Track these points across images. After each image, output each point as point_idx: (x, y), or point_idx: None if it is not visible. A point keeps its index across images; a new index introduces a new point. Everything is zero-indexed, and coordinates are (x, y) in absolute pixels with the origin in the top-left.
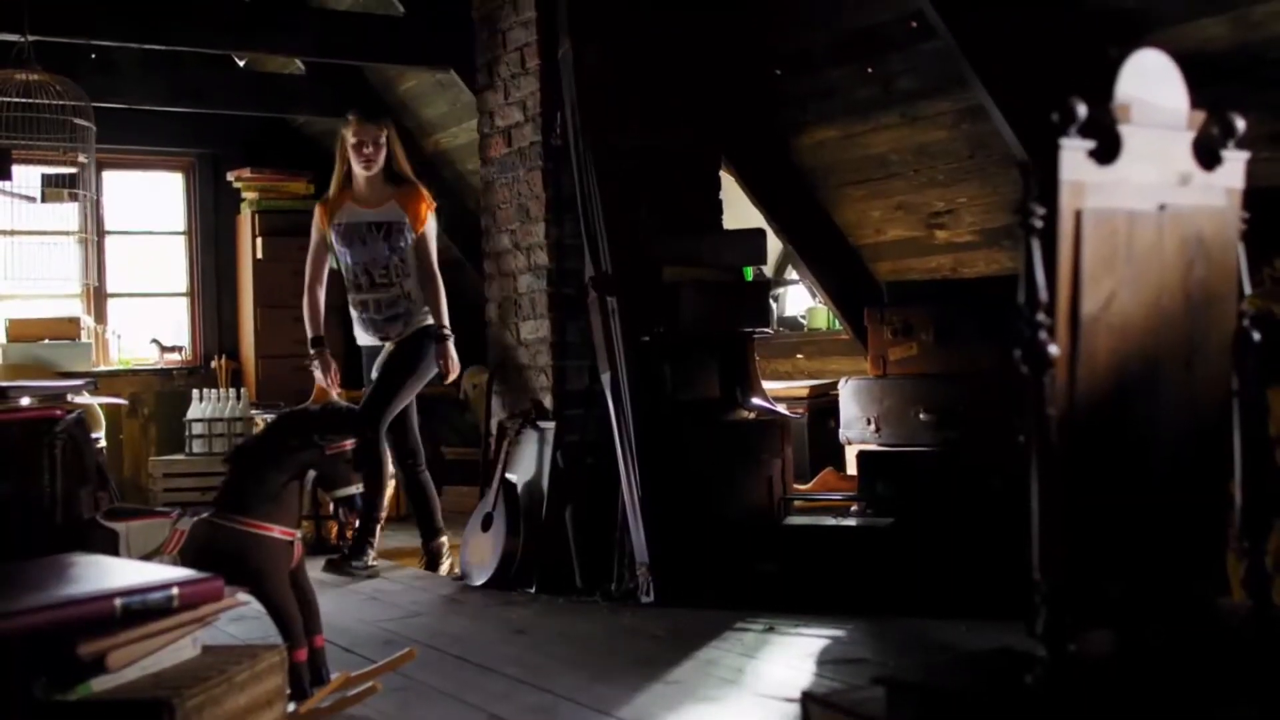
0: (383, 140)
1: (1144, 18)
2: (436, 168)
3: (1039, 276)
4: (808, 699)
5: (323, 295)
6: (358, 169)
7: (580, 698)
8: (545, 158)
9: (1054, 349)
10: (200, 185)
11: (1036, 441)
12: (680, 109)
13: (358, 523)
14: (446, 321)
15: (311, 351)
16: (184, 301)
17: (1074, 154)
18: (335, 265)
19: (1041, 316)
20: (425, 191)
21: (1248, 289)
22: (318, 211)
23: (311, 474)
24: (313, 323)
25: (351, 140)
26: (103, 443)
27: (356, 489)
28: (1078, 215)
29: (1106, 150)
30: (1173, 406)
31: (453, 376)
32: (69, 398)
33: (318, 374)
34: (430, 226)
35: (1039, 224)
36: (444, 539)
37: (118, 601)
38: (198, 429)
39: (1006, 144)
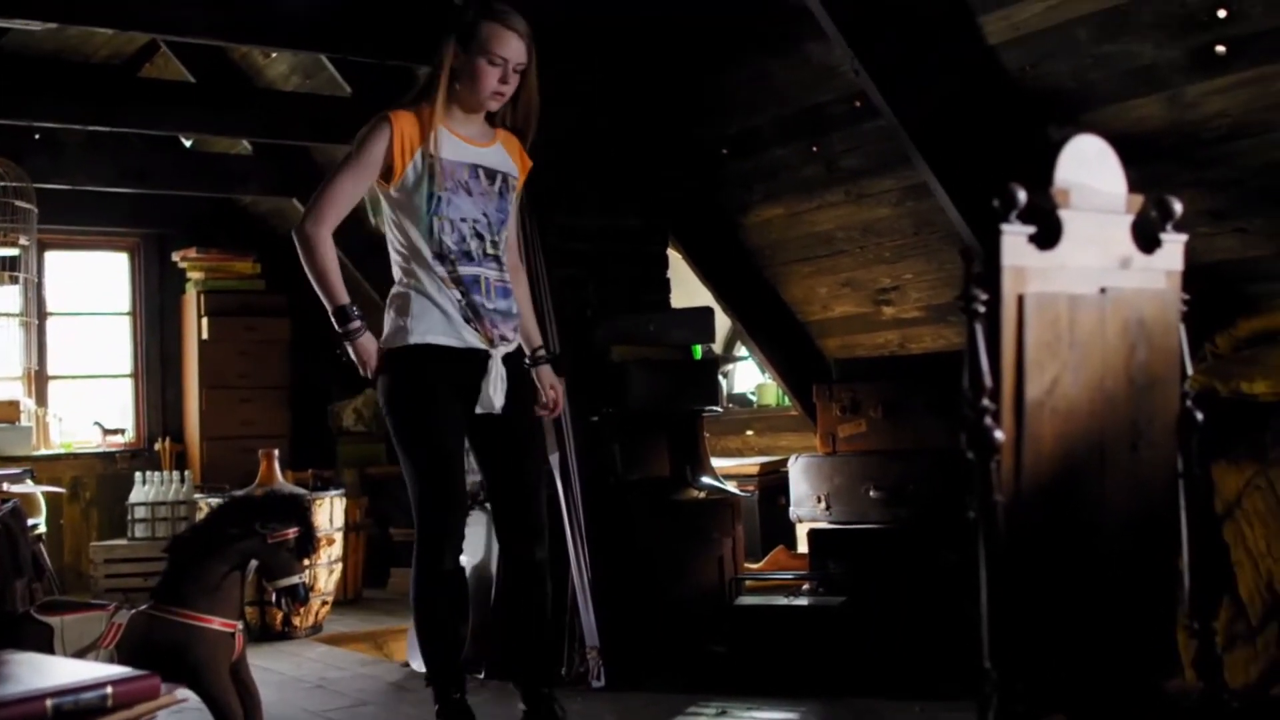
0: (525, 63)
1: (1081, 98)
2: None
3: (983, 361)
4: None
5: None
6: (478, 95)
7: None
8: None
9: (999, 434)
10: (145, 265)
11: (983, 527)
12: (627, 189)
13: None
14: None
15: (342, 329)
16: (128, 383)
17: (1015, 239)
18: (372, 217)
19: (986, 401)
20: None
21: (1189, 370)
22: (400, 122)
23: (254, 563)
24: (337, 284)
25: (493, 53)
26: (42, 529)
27: (300, 578)
28: (1020, 300)
29: (1047, 235)
30: (1119, 489)
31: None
32: (4, 487)
33: (357, 359)
34: None
35: (981, 309)
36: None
37: (49, 702)
38: (140, 513)
39: (951, 221)
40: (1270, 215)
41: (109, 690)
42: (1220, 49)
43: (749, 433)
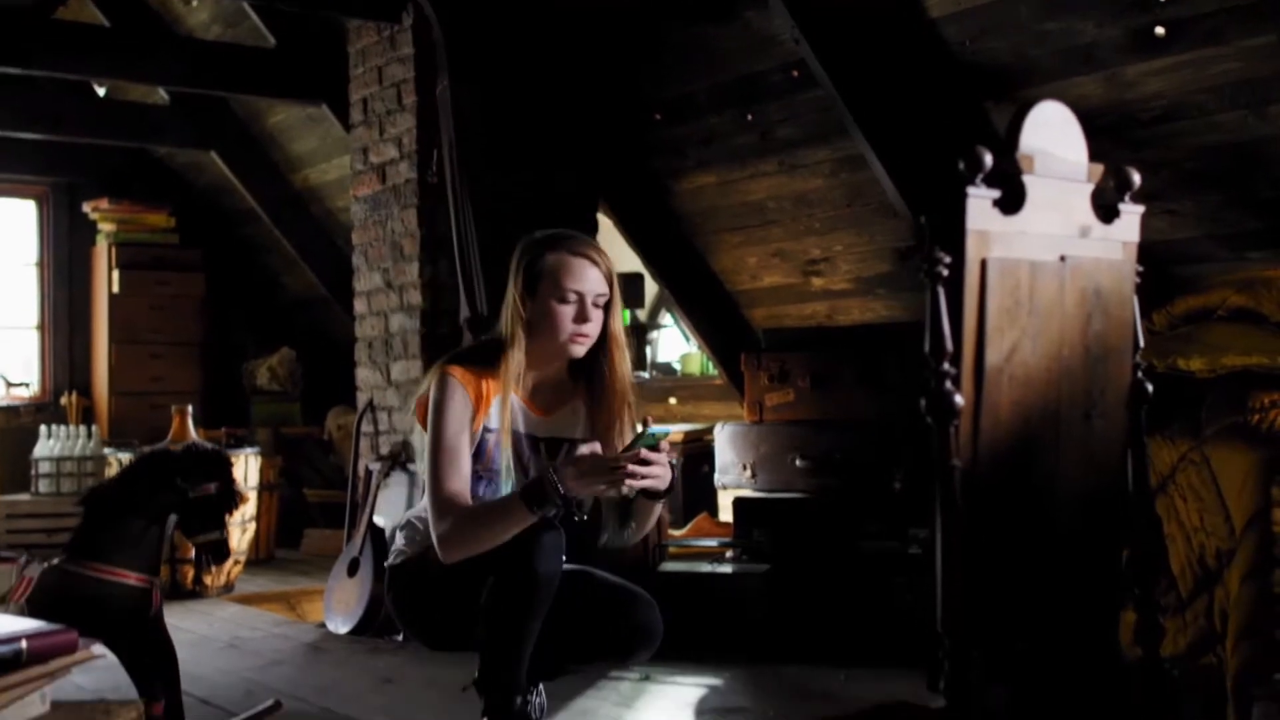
0: (606, 294)
1: (1020, 74)
2: (305, 204)
3: (944, 325)
4: None
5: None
6: (557, 342)
7: None
8: (421, 195)
9: (959, 399)
10: (54, 215)
11: (940, 493)
12: (559, 151)
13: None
14: None
15: (550, 492)
16: (33, 335)
17: (980, 203)
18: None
19: (947, 366)
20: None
21: (1142, 342)
22: (467, 388)
23: (173, 518)
24: (501, 503)
25: (564, 288)
26: None
27: (220, 534)
28: (983, 264)
29: (1011, 200)
30: (1072, 457)
31: None
32: None
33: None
34: None
35: (944, 272)
36: None
37: None
38: (45, 468)
39: (884, 193)
40: (1200, 198)
41: (23, 645)
42: (1160, 30)
43: (672, 401)
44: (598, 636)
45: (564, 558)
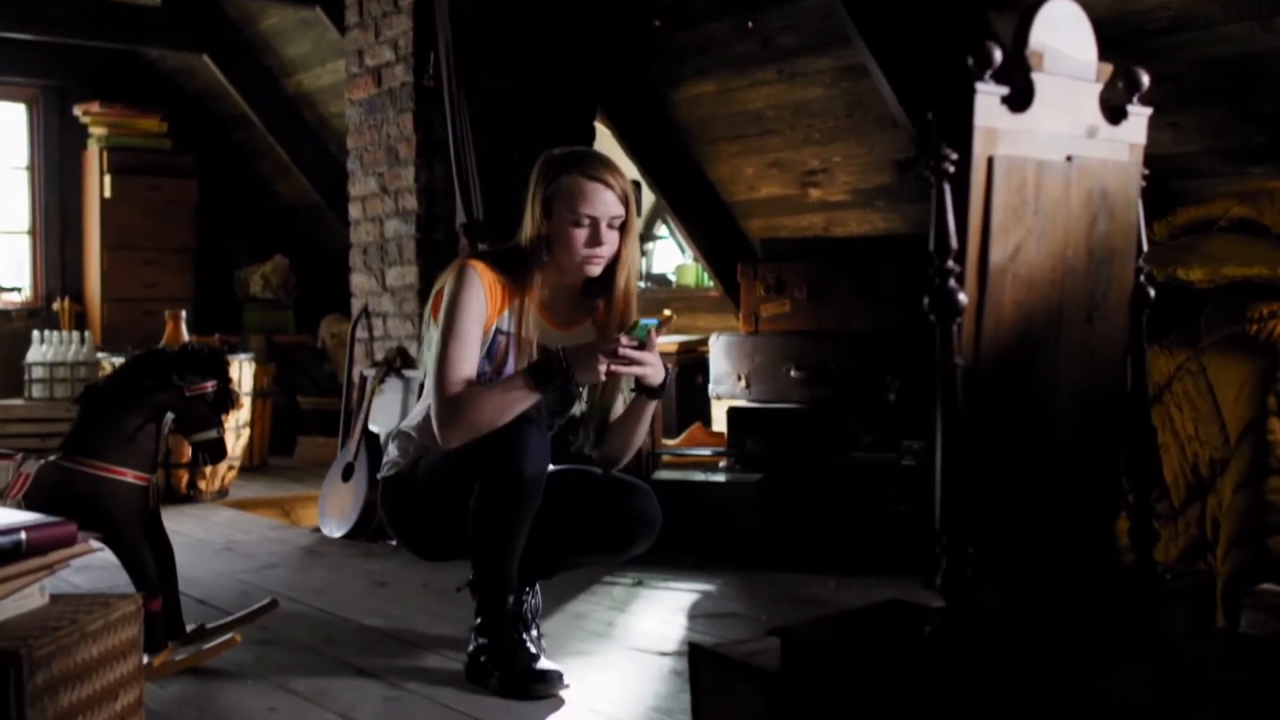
0: (621, 216)
1: None
2: (298, 110)
3: (950, 223)
4: (696, 651)
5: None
6: (571, 262)
7: (448, 651)
8: (416, 99)
9: (963, 297)
10: (45, 118)
11: (942, 391)
12: (557, 56)
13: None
14: None
15: (556, 371)
16: (25, 240)
17: (988, 99)
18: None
19: (951, 264)
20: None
21: (1145, 245)
22: (486, 279)
23: (169, 417)
24: (509, 382)
25: (578, 212)
26: None
27: (217, 432)
28: (989, 162)
29: (1020, 97)
30: (1073, 360)
31: None
32: None
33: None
34: None
35: (950, 169)
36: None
37: None
38: (38, 373)
39: (885, 103)
40: (1203, 112)
41: (23, 536)
42: None
43: (666, 312)
44: (595, 528)
45: (549, 459)
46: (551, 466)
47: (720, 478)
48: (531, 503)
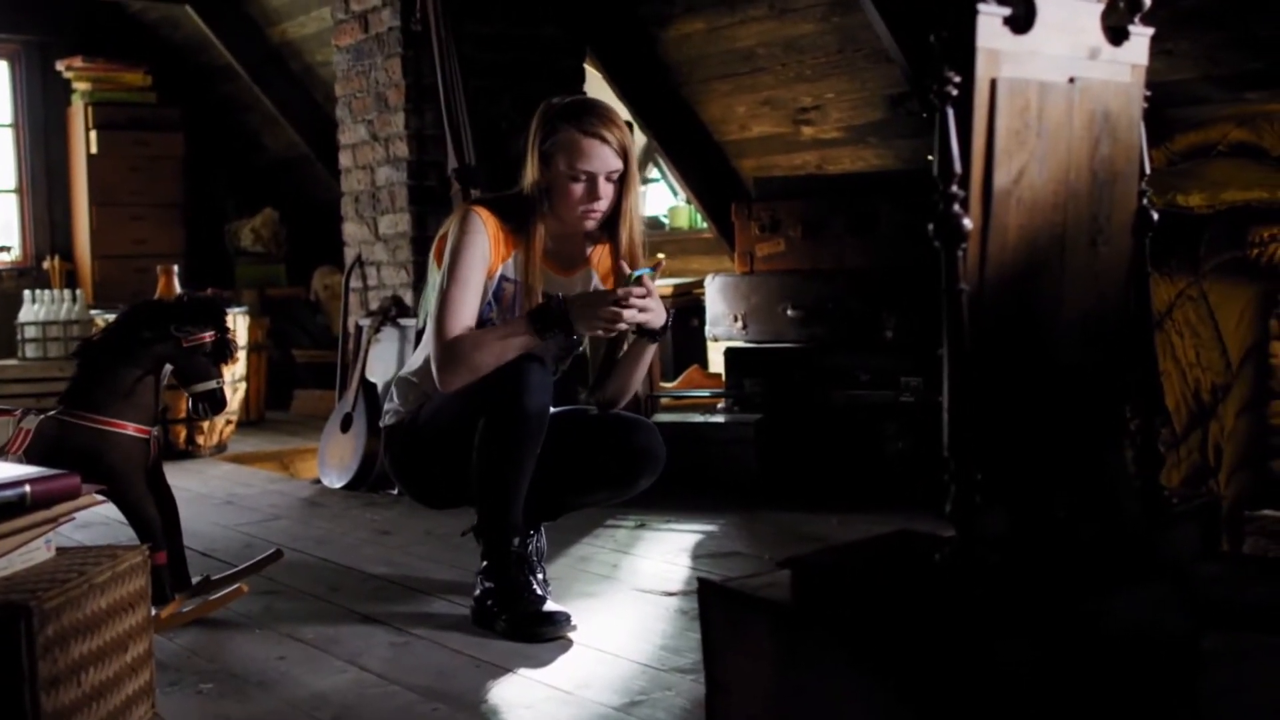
0: (619, 170)
1: None
2: (283, 60)
3: (953, 147)
4: (705, 587)
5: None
6: (568, 215)
7: (455, 597)
8: (404, 44)
9: (967, 222)
10: (27, 74)
11: (948, 316)
12: None
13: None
14: None
15: (553, 318)
16: (12, 199)
17: (990, 20)
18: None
19: (956, 189)
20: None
21: (1148, 168)
22: (490, 227)
23: (168, 368)
24: (504, 328)
25: (575, 168)
26: None
27: (217, 383)
28: (992, 84)
29: (1022, 18)
30: (1077, 284)
31: None
32: None
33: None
34: None
35: (953, 92)
36: None
37: None
38: (31, 332)
39: (877, 38)
40: (1197, 38)
41: (27, 489)
42: None
43: (660, 255)
44: (599, 465)
45: (551, 396)
46: (553, 409)
47: (719, 419)
48: (535, 439)
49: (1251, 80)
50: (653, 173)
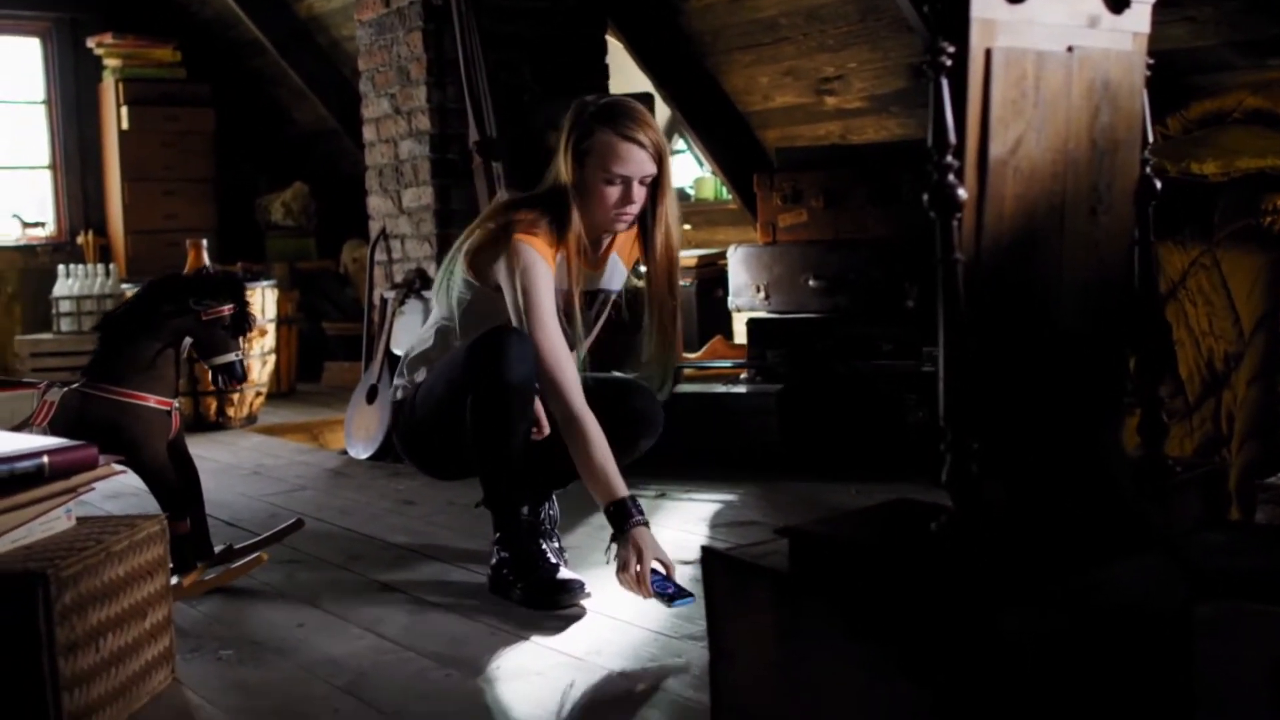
0: (652, 174)
1: None
2: (310, 34)
3: (948, 117)
4: (709, 555)
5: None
6: (601, 218)
7: (473, 565)
8: (425, 18)
9: (962, 192)
10: (59, 51)
11: (943, 287)
12: None
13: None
14: None
15: (624, 525)
16: (46, 175)
17: None
18: (442, 281)
19: (950, 159)
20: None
21: (1150, 136)
22: (544, 257)
23: (188, 342)
24: (614, 473)
25: (610, 171)
26: None
27: (236, 355)
28: (988, 54)
29: None
30: (1076, 254)
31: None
32: None
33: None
34: None
35: (947, 62)
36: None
37: None
38: (65, 306)
39: (898, 6)
40: (1219, 4)
41: (45, 460)
42: None
43: (686, 226)
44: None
45: (534, 366)
46: None
47: (741, 389)
48: (521, 408)
49: (1274, 47)
50: (678, 144)
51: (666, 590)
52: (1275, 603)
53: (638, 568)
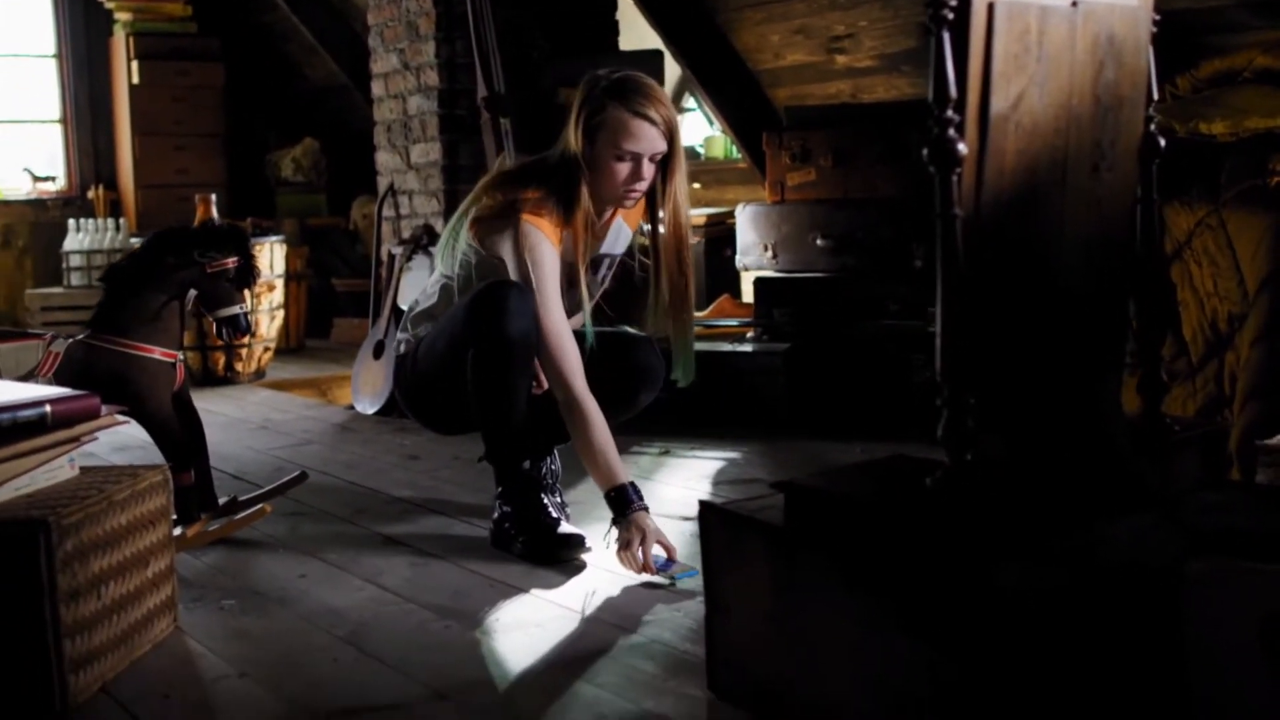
0: (663, 151)
1: None
2: None
3: (949, 71)
4: (705, 508)
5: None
6: (610, 193)
7: (476, 520)
8: None
9: (962, 147)
10: (69, 5)
11: (942, 241)
12: None
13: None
14: None
15: (624, 511)
16: (57, 129)
17: None
18: (446, 243)
19: (950, 113)
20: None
21: (1155, 93)
22: (549, 236)
23: (192, 294)
24: (615, 459)
25: (621, 147)
26: None
27: (240, 308)
28: (990, 7)
29: None
30: (1078, 211)
31: None
32: None
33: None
34: None
35: (949, 15)
36: None
37: None
38: (76, 260)
39: None
40: None
41: (48, 409)
42: None
43: (696, 185)
44: (599, 383)
45: (533, 319)
46: None
47: (748, 348)
48: (523, 363)
49: None
50: (689, 103)
51: (669, 568)
52: (1266, 561)
53: (640, 548)
